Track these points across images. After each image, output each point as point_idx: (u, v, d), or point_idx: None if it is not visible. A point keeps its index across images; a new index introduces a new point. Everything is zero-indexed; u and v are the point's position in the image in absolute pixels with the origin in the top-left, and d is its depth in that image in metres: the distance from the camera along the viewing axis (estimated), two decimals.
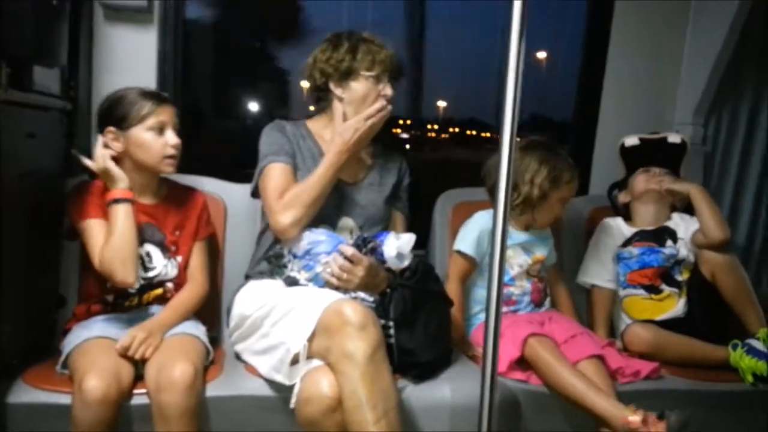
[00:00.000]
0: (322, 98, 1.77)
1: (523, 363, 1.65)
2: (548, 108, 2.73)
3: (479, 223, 1.87)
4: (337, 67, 1.69)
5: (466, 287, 1.88)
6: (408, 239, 1.58)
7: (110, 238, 1.52)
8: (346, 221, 1.72)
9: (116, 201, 1.54)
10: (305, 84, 1.81)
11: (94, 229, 1.57)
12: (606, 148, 2.33)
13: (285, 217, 1.59)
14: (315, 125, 1.81)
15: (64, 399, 1.37)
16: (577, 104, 2.54)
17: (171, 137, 1.61)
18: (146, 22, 1.97)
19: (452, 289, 1.82)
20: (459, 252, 1.86)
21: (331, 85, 1.71)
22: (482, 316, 1.79)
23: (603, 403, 1.50)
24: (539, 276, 1.91)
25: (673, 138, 2.04)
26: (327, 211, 1.67)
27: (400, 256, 1.56)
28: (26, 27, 1.47)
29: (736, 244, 2.50)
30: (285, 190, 1.63)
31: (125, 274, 1.51)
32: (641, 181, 2.05)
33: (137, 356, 1.45)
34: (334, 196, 1.69)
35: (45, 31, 1.61)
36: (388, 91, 1.70)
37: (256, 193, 1.74)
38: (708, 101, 2.38)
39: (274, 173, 1.67)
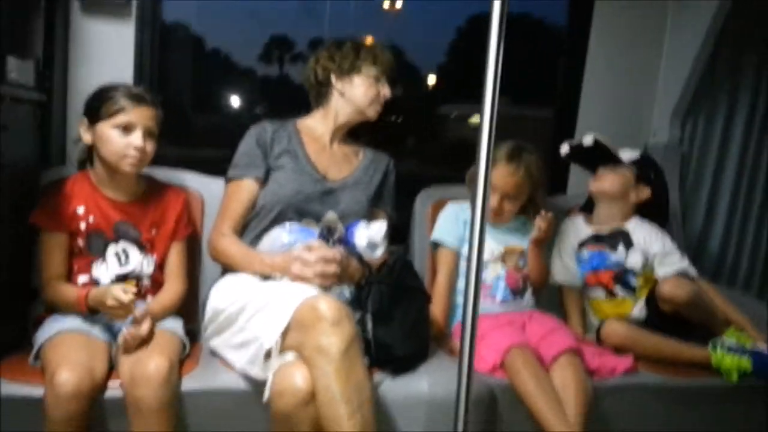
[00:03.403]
0: (321, 94, 1.84)
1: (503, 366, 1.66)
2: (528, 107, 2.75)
3: (451, 212, 1.95)
4: (340, 63, 1.79)
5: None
6: (378, 227, 1.58)
7: (57, 297, 1.55)
8: (331, 215, 1.73)
9: (89, 308, 1.50)
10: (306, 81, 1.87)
11: (50, 244, 1.58)
12: None
13: (214, 249, 1.71)
14: (305, 123, 1.87)
15: (38, 391, 1.36)
16: (556, 105, 2.56)
17: (136, 139, 1.57)
18: (124, 15, 1.95)
19: (440, 283, 1.87)
20: (437, 242, 1.91)
21: (333, 79, 1.80)
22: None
23: None
24: (517, 267, 1.93)
25: (586, 141, 2.01)
26: (311, 207, 1.71)
27: (371, 245, 1.57)
28: None
29: (711, 245, 2.55)
30: (236, 211, 1.72)
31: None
32: (590, 184, 2.08)
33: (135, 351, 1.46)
34: (319, 192, 1.73)
35: (19, 22, 1.59)
36: (387, 91, 1.81)
37: None
38: (685, 104, 2.41)
39: (233, 190, 1.74)
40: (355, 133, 1.91)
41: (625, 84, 2.43)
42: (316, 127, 1.86)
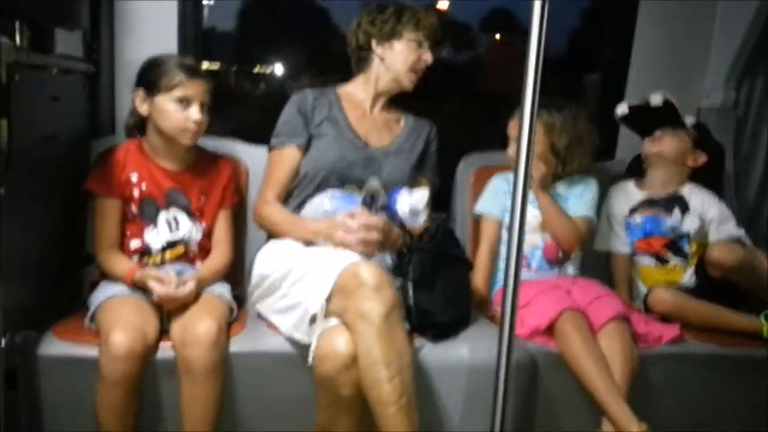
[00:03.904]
0: (363, 58, 1.82)
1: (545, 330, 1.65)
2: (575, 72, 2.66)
3: (495, 185, 1.93)
4: (381, 27, 1.76)
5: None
6: (421, 195, 1.58)
7: (108, 268, 1.60)
8: (374, 182, 1.73)
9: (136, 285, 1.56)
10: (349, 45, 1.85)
11: (104, 210, 1.62)
12: None
13: (258, 215, 1.74)
14: (347, 89, 1.86)
15: (93, 352, 1.42)
16: (606, 67, 2.48)
17: (194, 113, 1.61)
18: None
19: (482, 252, 1.86)
20: (482, 214, 1.91)
21: (374, 44, 1.77)
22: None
23: (616, 407, 1.50)
24: None
25: (655, 100, 1.93)
26: (353, 173, 1.71)
27: (413, 212, 1.57)
28: None
29: (767, 214, 2.44)
30: (280, 179, 1.74)
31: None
32: (645, 145, 2.01)
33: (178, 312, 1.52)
34: (361, 159, 1.73)
35: None
36: (429, 57, 1.77)
37: None
38: (741, 65, 2.30)
39: (276, 159, 1.76)
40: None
41: (677, 44, 2.32)
42: (357, 93, 1.85)
